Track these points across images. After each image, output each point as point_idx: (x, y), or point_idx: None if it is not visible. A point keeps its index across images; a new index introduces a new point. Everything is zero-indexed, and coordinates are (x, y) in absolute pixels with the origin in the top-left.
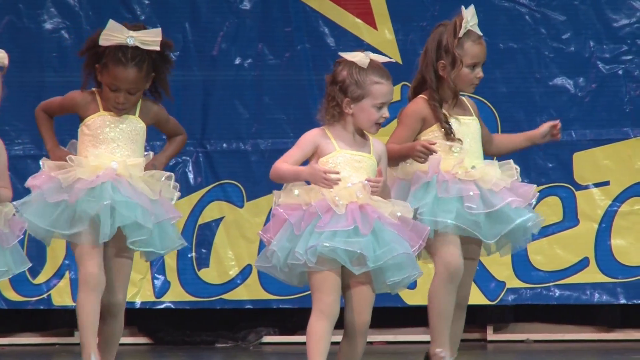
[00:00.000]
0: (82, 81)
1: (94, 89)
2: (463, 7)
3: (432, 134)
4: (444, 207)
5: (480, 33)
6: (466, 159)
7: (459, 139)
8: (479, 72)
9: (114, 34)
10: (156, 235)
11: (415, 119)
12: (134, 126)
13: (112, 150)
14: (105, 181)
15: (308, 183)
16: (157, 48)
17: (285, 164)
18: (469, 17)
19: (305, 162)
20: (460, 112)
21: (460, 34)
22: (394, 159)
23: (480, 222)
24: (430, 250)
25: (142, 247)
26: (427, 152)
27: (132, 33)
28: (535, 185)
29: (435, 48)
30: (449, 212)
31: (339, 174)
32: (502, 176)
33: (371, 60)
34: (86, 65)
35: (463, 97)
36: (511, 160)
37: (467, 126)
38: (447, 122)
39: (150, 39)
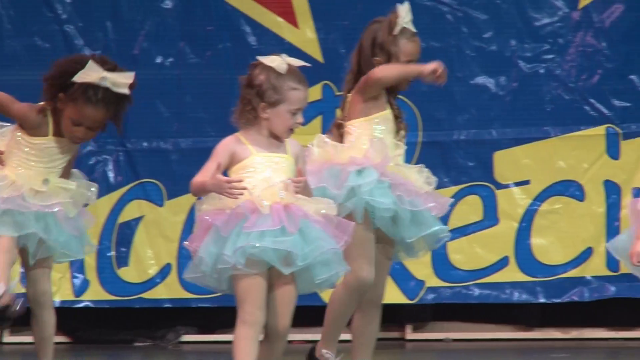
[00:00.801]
0: (41, 99)
1: (45, 107)
2: (398, 4)
3: (379, 126)
4: (381, 192)
5: (414, 30)
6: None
7: (404, 128)
8: None
9: (90, 73)
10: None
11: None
12: (72, 152)
13: (46, 171)
14: (32, 210)
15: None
16: (127, 92)
17: (197, 177)
18: (404, 14)
19: (226, 172)
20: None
21: (396, 32)
22: (398, 74)
23: (404, 219)
24: (347, 257)
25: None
26: (443, 72)
27: (106, 74)
28: (448, 195)
29: (370, 45)
30: (386, 197)
31: (242, 181)
32: (423, 184)
33: (289, 65)
34: (48, 90)
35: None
36: (427, 170)
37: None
38: (399, 109)
39: (122, 81)
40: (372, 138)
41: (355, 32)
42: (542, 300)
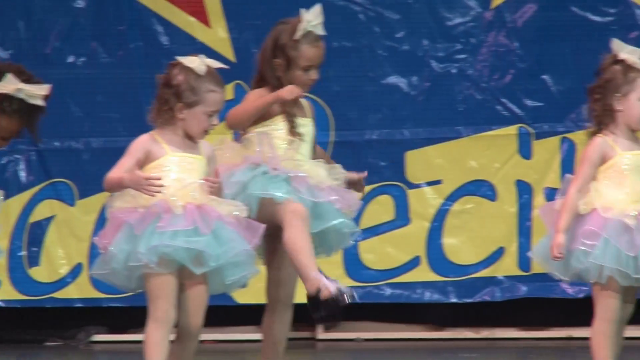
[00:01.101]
0: None
1: None
2: (303, 9)
3: (275, 125)
4: (274, 184)
5: (321, 33)
6: (300, 160)
7: (301, 137)
8: (313, 74)
9: (6, 84)
10: None
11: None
12: None
13: None
14: None
15: None
16: (41, 104)
17: (113, 173)
18: (311, 18)
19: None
20: (299, 114)
21: (297, 36)
22: (252, 113)
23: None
24: (276, 217)
25: None
26: (297, 93)
27: (21, 86)
28: (361, 196)
29: (272, 46)
30: (278, 189)
31: (160, 178)
32: (329, 179)
33: (208, 67)
34: None
35: (301, 99)
36: (339, 165)
37: (304, 127)
38: (294, 120)
39: (37, 93)
40: (260, 134)
41: (267, 32)
42: (453, 300)
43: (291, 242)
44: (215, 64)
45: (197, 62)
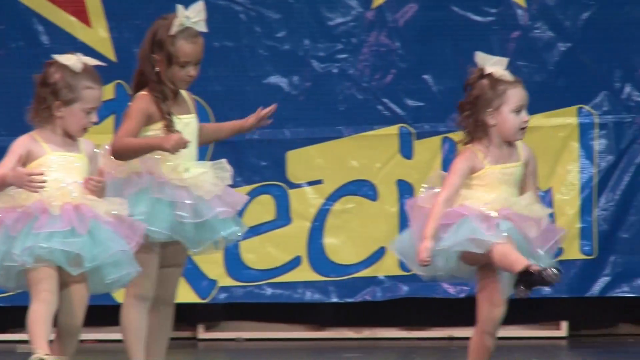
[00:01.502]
0: None
1: None
2: (180, 5)
3: (153, 132)
4: (158, 215)
5: (202, 30)
6: (182, 161)
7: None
8: (191, 71)
9: None
10: None
11: (142, 115)
12: None
13: None
14: None
15: None
16: None
17: None
18: (190, 14)
19: None
20: (181, 110)
21: (173, 32)
22: (134, 151)
23: (187, 231)
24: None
25: None
26: (183, 145)
27: None
28: (247, 195)
29: (151, 41)
30: (163, 222)
31: (42, 174)
32: (216, 181)
33: (84, 64)
34: None
35: (184, 93)
36: (224, 160)
37: (188, 126)
38: (170, 117)
39: None
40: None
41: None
42: (334, 299)
43: None
44: (92, 62)
45: (73, 60)
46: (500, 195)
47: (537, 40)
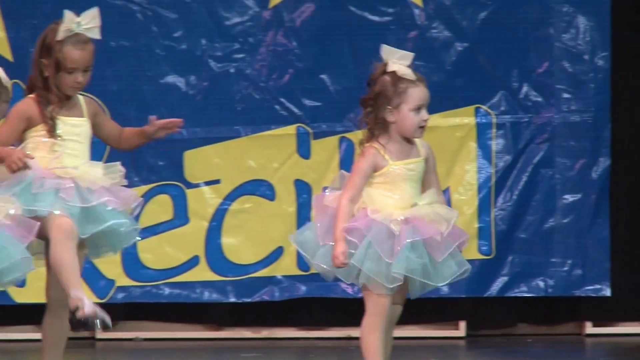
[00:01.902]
0: None
1: None
2: (68, 11)
3: (37, 133)
4: (39, 196)
5: (92, 37)
6: (69, 160)
7: (62, 138)
8: (79, 77)
9: None
10: None
11: (19, 118)
12: None
13: None
14: None
15: None
16: None
17: None
18: (82, 20)
19: None
20: (69, 114)
21: (59, 37)
22: None
23: (75, 216)
24: (45, 230)
25: None
26: (22, 165)
27: None
28: (138, 194)
29: (40, 46)
30: (42, 202)
31: None
32: (104, 178)
33: None
34: None
35: (81, 97)
36: (118, 163)
37: (77, 128)
38: (53, 121)
39: None
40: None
41: None
42: (232, 299)
43: (55, 259)
44: None
45: None
46: (404, 195)
47: (434, 40)
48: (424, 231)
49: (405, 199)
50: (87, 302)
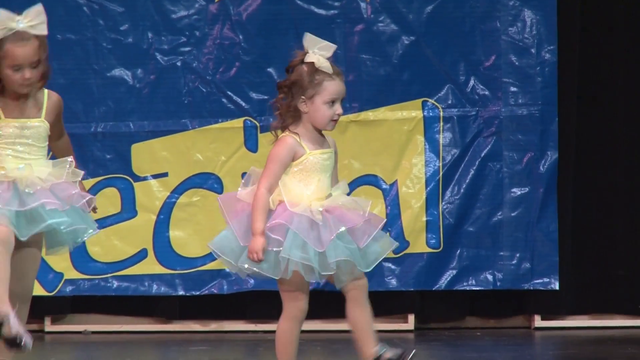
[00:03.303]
0: None
1: None
2: (2, 10)
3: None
4: None
5: (36, 33)
6: (12, 162)
7: (5, 141)
8: (26, 74)
9: None
10: None
11: None
12: None
13: None
14: None
15: None
16: None
17: None
18: (23, 18)
19: None
20: (21, 114)
21: (0, 35)
22: None
23: (12, 219)
24: None
25: None
26: None
27: None
28: (86, 192)
29: None
30: None
31: None
32: (49, 177)
33: None
34: None
35: (47, 96)
36: (67, 158)
37: (23, 129)
38: None
39: None
40: None
41: None
42: (181, 292)
43: None
44: None
45: None
46: (320, 185)
47: (381, 33)
48: (347, 219)
49: (322, 190)
50: (12, 319)
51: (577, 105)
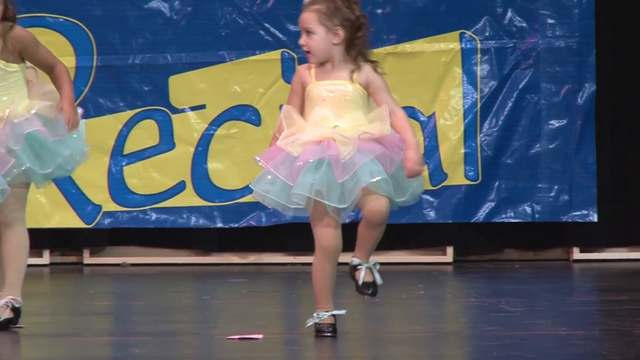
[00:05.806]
0: None
1: None
2: None
3: None
4: None
5: None
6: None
7: None
8: None
9: None
10: None
11: None
12: None
13: None
14: None
15: None
16: None
17: None
18: None
19: None
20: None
21: None
22: None
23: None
24: None
25: None
26: None
27: None
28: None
29: None
30: None
31: None
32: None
33: None
34: None
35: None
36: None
37: (11, 74)
38: None
39: None
40: None
41: None
42: (219, 225)
43: None
44: None
45: None
46: (322, 115)
47: None
48: (330, 151)
49: (327, 120)
50: None
51: (615, 36)
